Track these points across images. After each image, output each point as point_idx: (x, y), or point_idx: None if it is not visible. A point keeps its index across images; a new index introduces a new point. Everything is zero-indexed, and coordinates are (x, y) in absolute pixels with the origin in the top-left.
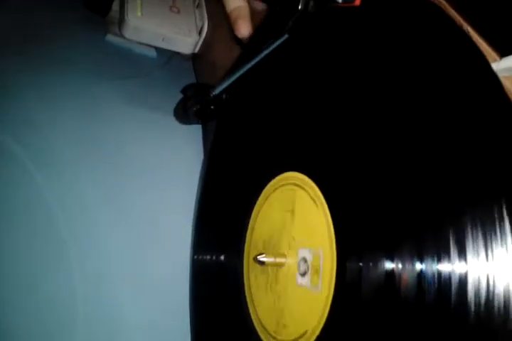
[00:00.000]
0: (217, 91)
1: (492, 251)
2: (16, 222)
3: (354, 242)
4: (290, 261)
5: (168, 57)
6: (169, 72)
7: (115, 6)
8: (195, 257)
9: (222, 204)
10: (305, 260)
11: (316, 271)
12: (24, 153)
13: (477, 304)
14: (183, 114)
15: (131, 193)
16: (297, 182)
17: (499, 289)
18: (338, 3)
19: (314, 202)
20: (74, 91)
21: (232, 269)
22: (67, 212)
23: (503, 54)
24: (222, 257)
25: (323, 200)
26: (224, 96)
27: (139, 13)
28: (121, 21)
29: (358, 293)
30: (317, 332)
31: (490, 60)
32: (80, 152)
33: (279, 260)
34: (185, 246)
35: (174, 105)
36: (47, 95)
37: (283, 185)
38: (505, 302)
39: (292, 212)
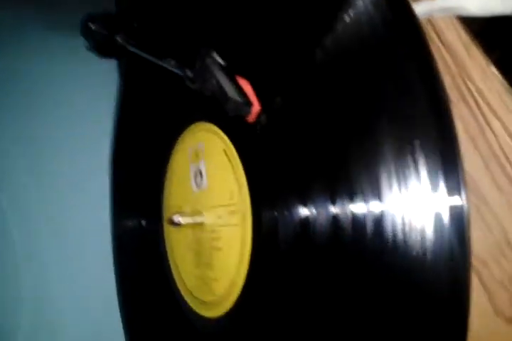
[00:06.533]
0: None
1: (406, 186)
2: None
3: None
4: (208, 219)
5: None
6: None
7: None
8: (116, 225)
9: (137, 162)
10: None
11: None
12: None
13: (393, 241)
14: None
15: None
16: (207, 130)
17: (415, 225)
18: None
19: (225, 153)
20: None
21: (153, 234)
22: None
23: None
24: (143, 222)
25: (234, 152)
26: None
27: None
28: None
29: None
30: (241, 282)
31: None
32: None
33: (198, 219)
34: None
35: None
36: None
37: (192, 134)
38: (421, 238)
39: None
